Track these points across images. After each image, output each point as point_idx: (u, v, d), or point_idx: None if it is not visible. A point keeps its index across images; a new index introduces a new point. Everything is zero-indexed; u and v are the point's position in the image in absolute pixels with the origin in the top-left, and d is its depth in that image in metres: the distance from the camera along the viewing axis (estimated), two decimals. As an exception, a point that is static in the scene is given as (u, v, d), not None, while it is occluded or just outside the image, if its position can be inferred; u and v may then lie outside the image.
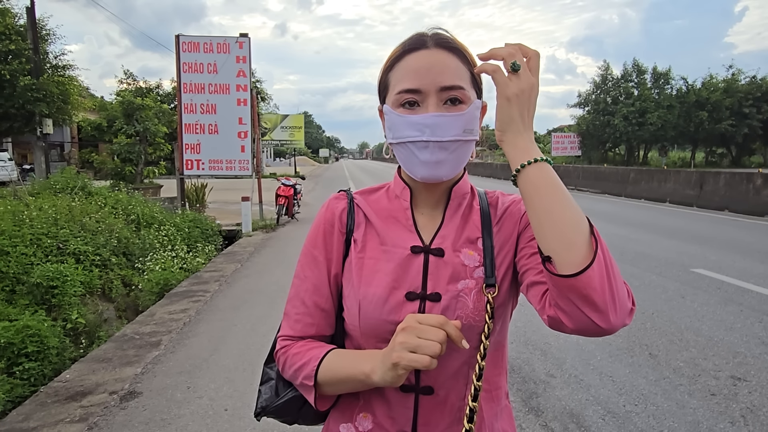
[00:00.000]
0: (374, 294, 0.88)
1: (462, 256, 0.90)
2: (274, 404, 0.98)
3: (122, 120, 14.16)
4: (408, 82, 0.85)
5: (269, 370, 1.03)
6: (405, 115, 0.86)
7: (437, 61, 0.85)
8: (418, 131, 0.84)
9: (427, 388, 0.88)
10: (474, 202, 0.97)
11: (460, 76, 0.86)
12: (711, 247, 8.11)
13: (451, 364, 0.87)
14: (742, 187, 13.29)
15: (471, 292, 0.87)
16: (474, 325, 0.86)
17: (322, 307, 0.94)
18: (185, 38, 11.18)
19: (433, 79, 0.84)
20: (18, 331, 4.36)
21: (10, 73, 13.75)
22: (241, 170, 11.45)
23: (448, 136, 0.84)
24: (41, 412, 3.07)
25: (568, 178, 23.60)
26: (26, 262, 5.56)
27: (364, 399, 0.92)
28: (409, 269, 0.89)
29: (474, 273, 0.89)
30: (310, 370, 0.87)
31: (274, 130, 39.14)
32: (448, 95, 0.85)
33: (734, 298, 5.32)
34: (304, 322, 0.94)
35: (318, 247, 0.95)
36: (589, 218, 0.79)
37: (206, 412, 3.08)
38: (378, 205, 0.97)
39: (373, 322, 0.87)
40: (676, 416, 3.00)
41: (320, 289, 0.94)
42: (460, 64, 0.87)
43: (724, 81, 35.96)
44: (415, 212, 0.95)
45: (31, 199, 7.44)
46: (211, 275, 6.76)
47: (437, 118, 0.84)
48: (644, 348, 4.03)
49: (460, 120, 0.85)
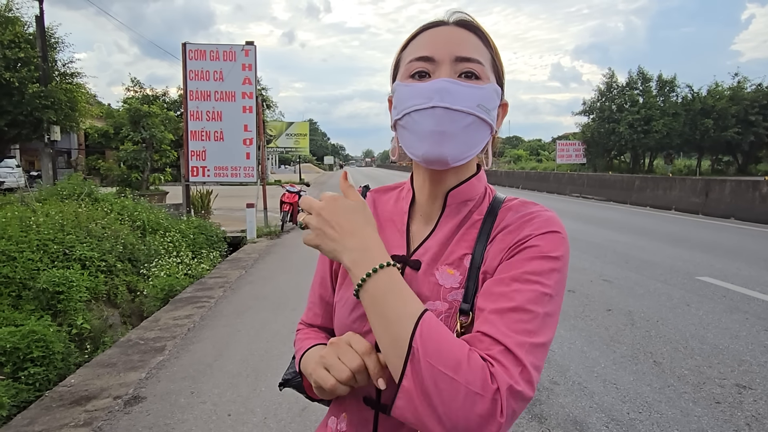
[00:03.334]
0: (345, 299, 0.86)
1: (438, 274, 0.80)
2: (296, 380, 1.00)
3: (129, 127, 14.26)
4: (421, 51, 0.78)
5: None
6: (413, 83, 0.77)
7: (455, 35, 0.78)
8: (425, 98, 0.75)
9: (384, 406, 0.80)
10: (477, 212, 0.84)
11: (479, 51, 0.78)
12: (716, 255, 8.07)
13: None
14: (748, 194, 13.23)
15: (439, 316, 0.76)
16: None
17: (327, 300, 0.96)
18: (192, 46, 11.29)
19: (449, 49, 0.76)
20: (24, 336, 4.39)
21: (18, 81, 13.92)
22: (246, 177, 11.52)
23: (459, 105, 0.74)
24: (46, 416, 3.08)
25: (573, 186, 23.57)
26: (32, 268, 5.61)
27: (348, 400, 0.88)
28: None
29: (448, 295, 0.78)
30: (297, 361, 0.92)
31: (279, 137, 39.33)
32: (464, 67, 0.76)
33: (740, 306, 5.29)
34: (313, 312, 0.98)
35: None
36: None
37: (210, 417, 3.09)
38: (385, 206, 0.94)
39: (341, 327, 0.86)
40: (681, 424, 2.98)
41: (325, 282, 0.97)
42: (480, 43, 0.80)
43: (730, 88, 35.88)
44: (413, 216, 0.89)
45: (38, 205, 7.50)
46: (216, 281, 6.79)
47: (449, 84, 0.74)
48: (649, 355, 4.01)
49: (475, 92, 0.75)
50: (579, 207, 17.42)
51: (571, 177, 25.04)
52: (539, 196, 23.08)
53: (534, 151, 68.74)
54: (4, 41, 13.92)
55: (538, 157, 62.36)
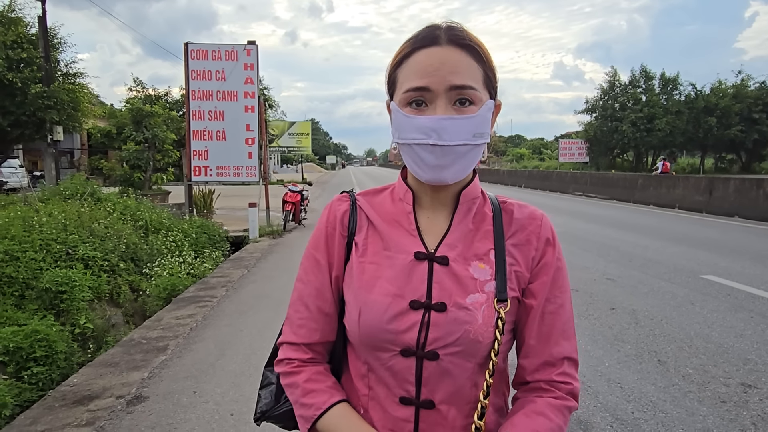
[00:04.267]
0: (375, 301, 0.85)
1: (472, 268, 0.86)
2: (276, 411, 0.98)
3: (131, 127, 14.30)
4: (416, 80, 0.80)
5: (269, 373, 1.02)
6: (412, 116, 0.81)
7: (448, 58, 0.80)
8: (424, 134, 0.80)
9: (427, 401, 0.84)
10: (486, 209, 0.92)
11: (472, 75, 0.81)
12: (721, 254, 8.03)
13: (454, 380, 0.84)
14: (752, 192, 13.17)
15: (481, 307, 0.83)
16: (481, 341, 0.82)
17: (326, 311, 0.91)
18: (194, 46, 11.29)
19: (443, 77, 0.79)
20: (27, 335, 4.40)
21: (21, 81, 13.93)
22: (248, 176, 11.52)
23: (456, 140, 0.79)
24: (48, 415, 3.08)
25: (576, 184, 23.51)
26: (35, 268, 5.61)
27: (364, 410, 0.89)
28: (412, 276, 0.85)
29: (485, 287, 0.85)
30: (311, 415, 0.86)
31: (281, 137, 39.37)
32: (458, 95, 0.80)
33: (744, 304, 5.26)
34: (308, 327, 0.91)
35: (320, 250, 0.92)
36: None
37: (212, 417, 3.08)
38: (382, 208, 0.93)
39: (373, 330, 0.84)
40: (685, 423, 2.96)
41: (323, 293, 0.91)
42: (474, 62, 0.81)
43: (734, 86, 35.70)
44: (419, 216, 0.91)
45: (41, 205, 7.51)
46: (218, 281, 6.78)
47: (445, 122, 0.79)
48: (653, 355, 3.99)
49: (469, 123, 0.80)
50: (582, 206, 17.38)
51: (574, 176, 24.98)
52: (542, 195, 23.03)
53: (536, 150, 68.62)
54: (6, 42, 13.94)
55: (541, 156, 62.26)
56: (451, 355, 0.83)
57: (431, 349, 0.83)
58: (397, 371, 0.85)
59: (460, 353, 0.83)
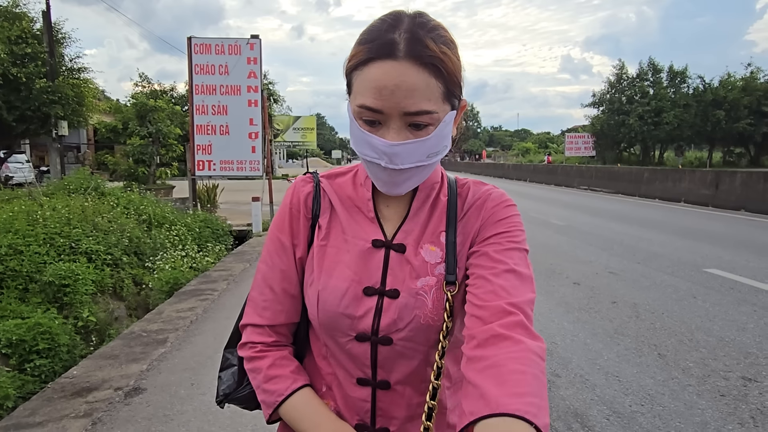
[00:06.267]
0: (334, 286, 0.85)
1: (423, 252, 0.87)
2: (239, 393, 0.98)
3: (136, 122, 14.32)
4: (370, 100, 0.75)
5: (230, 356, 1.01)
6: (365, 131, 0.78)
7: (404, 80, 0.73)
8: (376, 154, 0.78)
9: (383, 382, 0.87)
10: (442, 193, 0.92)
11: (429, 95, 0.75)
12: (725, 247, 7.96)
13: (408, 362, 0.86)
14: (759, 186, 13.05)
15: (431, 290, 0.84)
16: (432, 324, 0.83)
17: (291, 293, 0.91)
18: (197, 40, 11.28)
19: (397, 102, 0.74)
20: (30, 328, 4.43)
21: (26, 76, 13.99)
22: (252, 171, 11.52)
23: (408, 163, 0.78)
24: (47, 407, 3.11)
25: (581, 178, 23.38)
26: (39, 261, 5.66)
27: (327, 386, 0.91)
28: (369, 263, 0.86)
29: (435, 270, 0.85)
30: (273, 401, 0.87)
31: (286, 131, 39.38)
32: (413, 120, 0.76)
33: (747, 298, 5.22)
34: (273, 309, 0.91)
35: (284, 232, 0.92)
36: None
37: (209, 409, 3.10)
38: (342, 192, 0.93)
39: (331, 314, 0.85)
40: (684, 417, 2.95)
41: (288, 275, 0.91)
42: (432, 79, 0.75)
43: (743, 79, 35.26)
44: (379, 203, 0.91)
45: (45, 200, 7.56)
46: (220, 274, 6.81)
47: (396, 148, 0.76)
48: (653, 348, 3.97)
49: (423, 146, 0.78)
50: (587, 199, 17.29)
51: (579, 169, 24.86)
52: (547, 189, 22.92)
53: (543, 144, 68.30)
54: (11, 37, 13.99)
55: (547, 150, 61.94)
56: (404, 340, 0.84)
57: (384, 335, 0.84)
58: (354, 355, 0.86)
59: (412, 338, 0.84)
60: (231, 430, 2.86)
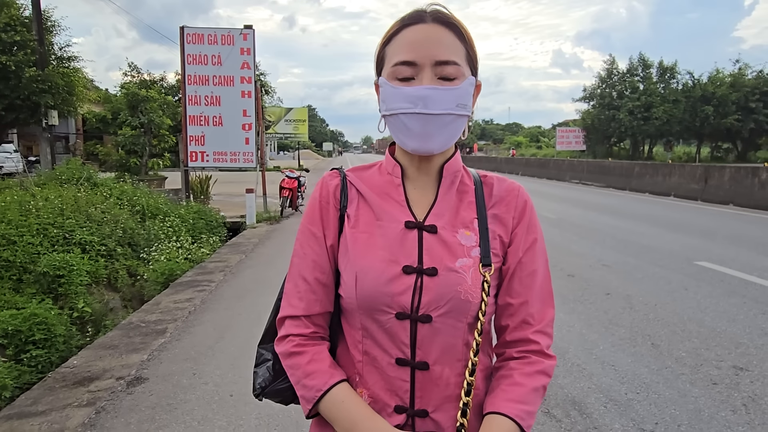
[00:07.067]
0: (371, 266, 0.89)
1: (459, 235, 0.92)
2: (276, 387, 1.01)
3: (127, 112, 14.15)
4: (404, 54, 0.86)
5: (264, 351, 1.04)
6: (399, 86, 0.86)
7: (434, 34, 0.86)
8: (411, 103, 0.85)
9: (422, 363, 0.89)
10: (467, 181, 0.98)
11: (455, 51, 0.87)
12: (715, 241, 8.09)
13: (446, 340, 0.89)
14: (747, 181, 13.24)
15: (469, 270, 0.89)
16: (471, 301, 0.88)
17: (324, 282, 0.94)
18: (190, 30, 11.17)
19: (428, 52, 0.85)
20: (25, 319, 4.41)
21: (15, 64, 13.74)
22: (245, 162, 11.48)
23: (440, 109, 0.85)
24: (49, 396, 3.11)
25: (573, 172, 23.53)
26: (33, 252, 5.61)
27: (359, 375, 0.93)
28: (404, 244, 0.90)
29: (471, 252, 0.91)
30: (312, 396, 0.89)
31: (278, 123, 39.17)
32: (443, 71, 0.86)
33: (737, 290, 5.32)
34: (308, 299, 0.94)
35: (315, 223, 0.95)
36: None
37: (212, 398, 3.12)
38: (371, 181, 0.98)
39: (370, 292, 0.88)
40: (678, 404, 3.02)
41: (320, 264, 0.94)
42: (456, 40, 0.88)
43: (731, 75, 35.59)
44: (407, 188, 0.96)
45: (38, 190, 7.49)
46: (216, 265, 6.80)
47: (430, 91, 0.84)
48: (647, 338, 4.05)
49: (452, 94, 0.86)
50: (578, 193, 17.43)
51: (571, 163, 25.01)
52: (539, 182, 23.05)
53: (534, 137, 68.49)
54: (-1, 24, 13.75)
55: (538, 144, 62.19)
56: (443, 316, 0.88)
57: (424, 313, 0.87)
58: (394, 333, 0.89)
59: (451, 314, 0.88)
60: (235, 418, 2.88)
